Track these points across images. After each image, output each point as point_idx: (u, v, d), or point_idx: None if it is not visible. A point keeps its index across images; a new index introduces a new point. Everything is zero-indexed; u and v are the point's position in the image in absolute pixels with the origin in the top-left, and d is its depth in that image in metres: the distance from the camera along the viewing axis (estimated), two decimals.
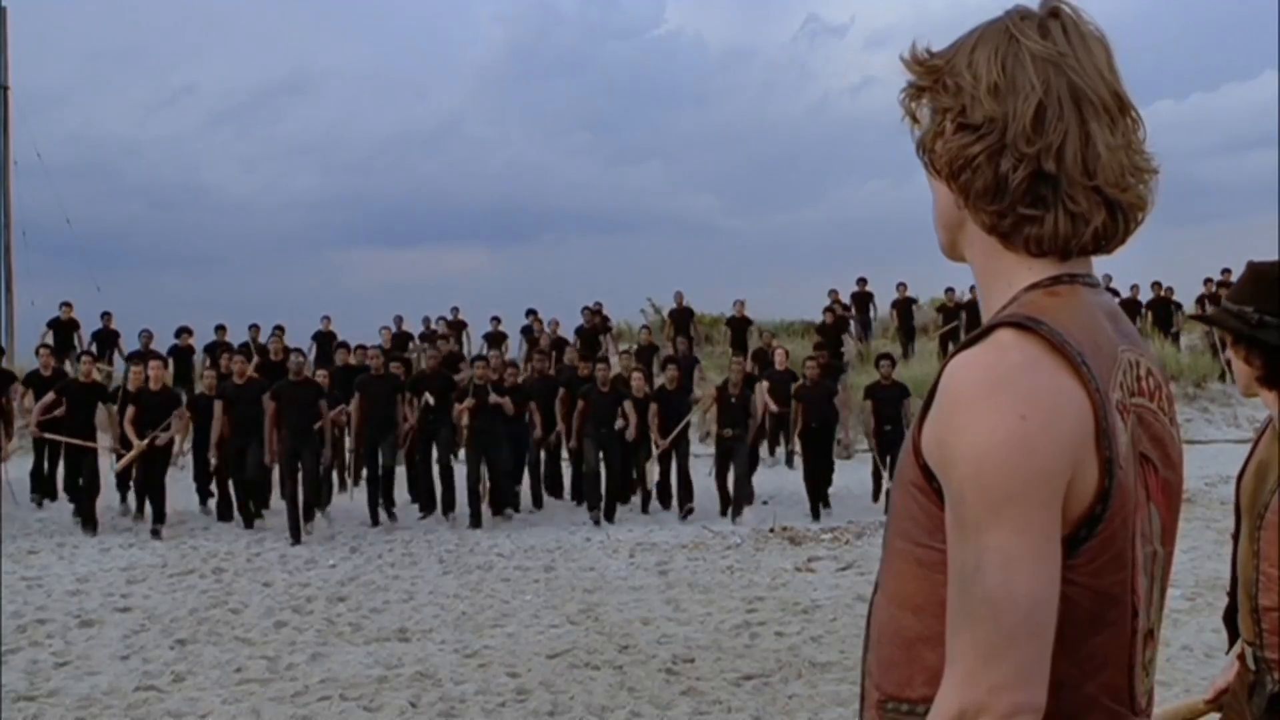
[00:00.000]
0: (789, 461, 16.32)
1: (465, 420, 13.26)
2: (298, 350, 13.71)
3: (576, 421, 13.50)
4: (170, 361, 16.23)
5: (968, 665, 1.18)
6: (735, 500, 13.05)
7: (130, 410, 12.20)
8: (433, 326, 21.39)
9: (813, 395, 13.57)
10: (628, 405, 13.43)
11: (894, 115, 1.39)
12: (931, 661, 1.27)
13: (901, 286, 23.47)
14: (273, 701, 6.10)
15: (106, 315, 20.17)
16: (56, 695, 6.25)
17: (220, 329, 19.00)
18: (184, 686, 6.40)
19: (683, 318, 22.42)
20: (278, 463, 12.46)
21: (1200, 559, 9.50)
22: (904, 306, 23.18)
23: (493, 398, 13.08)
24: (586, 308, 21.81)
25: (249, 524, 12.42)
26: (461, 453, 14.00)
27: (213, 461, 13.14)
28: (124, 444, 12.24)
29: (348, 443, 14.21)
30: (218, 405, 12.69)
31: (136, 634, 7.66)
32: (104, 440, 12.69)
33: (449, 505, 13.12)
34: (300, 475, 12.08)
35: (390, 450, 13.17)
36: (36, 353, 14.50)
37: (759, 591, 8.94)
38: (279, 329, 16.95)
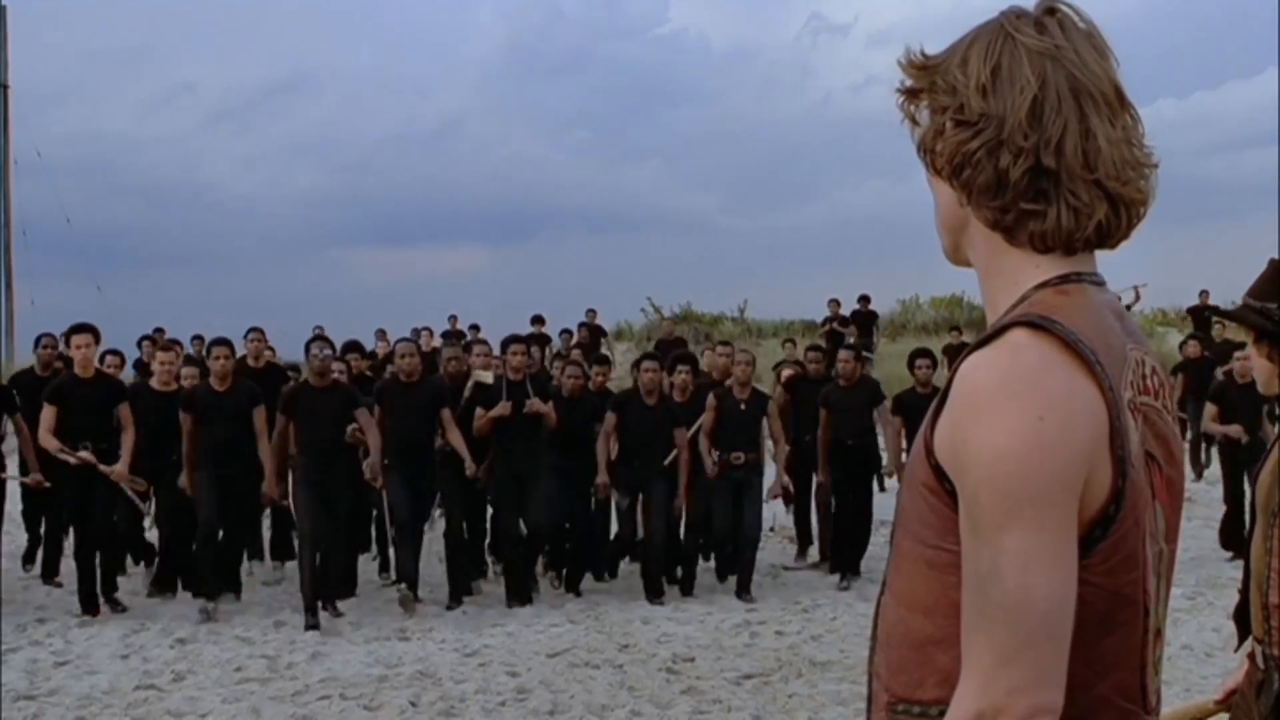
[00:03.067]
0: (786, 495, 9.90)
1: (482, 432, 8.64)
2: (320, 338, 8.76)
3: (604, 450, 8.85)
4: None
5: (985, 667, 1.18)
6: (743, 563, 8.92)
7: (49, 411, 8.06)
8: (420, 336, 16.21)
9: (849, 401, 9.31)
10: (679, 435, 8.83)
11: (896, 114, 1.40)
12: (943, 663, 1.26)
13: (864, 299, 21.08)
14: (273, 700, 6.10)
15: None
16: (56, 694, 6.24)
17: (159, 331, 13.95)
18: (184, 685, 6.40)
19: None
20: (291, 508, 8.61)
21: (1201, 558, 9.50)
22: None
23: (532, 403, 8.59)
24: (583, 324, 18.32)
25: (214, 593, 8.18)
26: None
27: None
28: (44, 464, 8.28)
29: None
30: (186, 419, 8.29)
31: (136, 633, 7.66)
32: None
33: (460, 583, 8.65)
34: (325, 528, 8.11)
35: (428, 496, 8.86)
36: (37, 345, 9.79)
37: (758, 590, 8.93)
38: (256, 331, 10.50)
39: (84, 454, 8.07)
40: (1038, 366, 1.19)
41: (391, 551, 8.99)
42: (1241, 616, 2.77)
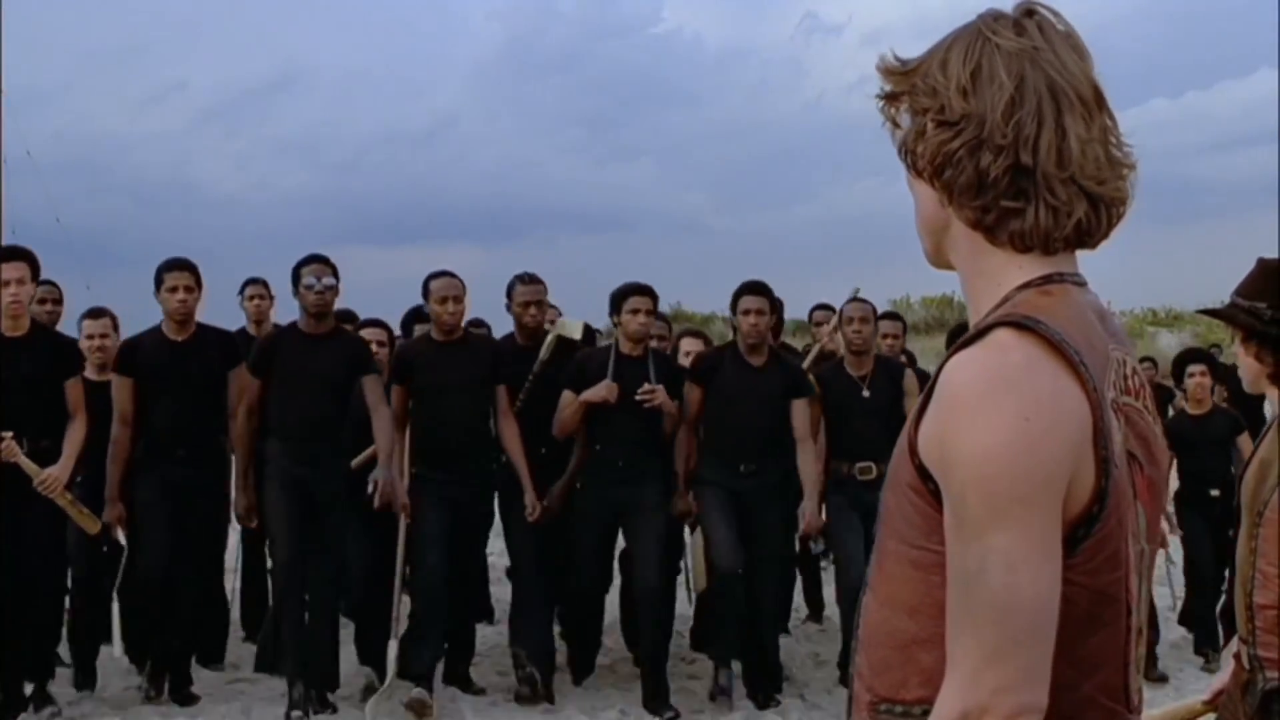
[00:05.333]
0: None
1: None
2: (316, 260, 5.55)
3: (687, 449, 5.72)
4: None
5: (970, 667, 1.18)
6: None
7: None
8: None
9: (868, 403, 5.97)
10: (799, 411, 5.64)
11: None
12: (927, 663, 1.27)
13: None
14: (263, 701, 6.08)
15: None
16: None
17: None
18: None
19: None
20: (263, 533, 5.59)
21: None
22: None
23: (652, 391, 5.50)
24: None
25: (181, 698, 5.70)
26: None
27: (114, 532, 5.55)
28: None
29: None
30: (121, 386, 5.41)
31: None
32: None
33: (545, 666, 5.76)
34: (316, 574, 5.43)
35: (482, 523, 5.87)
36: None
37: None
38: (257, 285, 7.22)
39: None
40: (1023, 367, 1.20)
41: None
42: (1228, 616, 2.77)
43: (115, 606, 5.67)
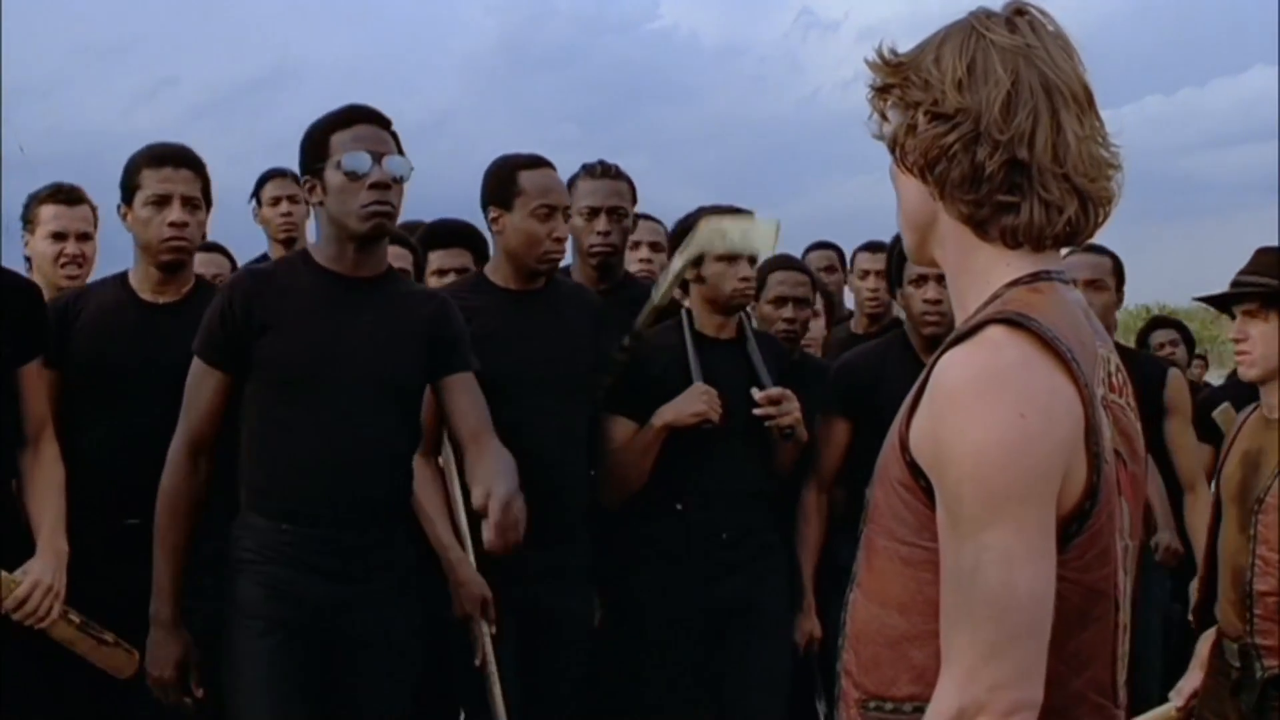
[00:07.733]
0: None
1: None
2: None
3: (812, 547, 3.16)
4: None
5: (967, 664, 1.18)
6: None
7: None
8: None
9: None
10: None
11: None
12: (918, 660, 1.27)
13: None
14: None
15: None
16: None
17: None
18: None
19: None
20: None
21: None
22: None
23: (776, 400, 2.88)
24: None
25: None
26: None
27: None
28: None
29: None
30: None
31: None
32: None
33: None
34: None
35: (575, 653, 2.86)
36: None
37: None
38: (283, 178, 4.32)
39: None
40: (1017, 364, 1.20)
41: None
42: (1201, 614, 2.73)
43: None
